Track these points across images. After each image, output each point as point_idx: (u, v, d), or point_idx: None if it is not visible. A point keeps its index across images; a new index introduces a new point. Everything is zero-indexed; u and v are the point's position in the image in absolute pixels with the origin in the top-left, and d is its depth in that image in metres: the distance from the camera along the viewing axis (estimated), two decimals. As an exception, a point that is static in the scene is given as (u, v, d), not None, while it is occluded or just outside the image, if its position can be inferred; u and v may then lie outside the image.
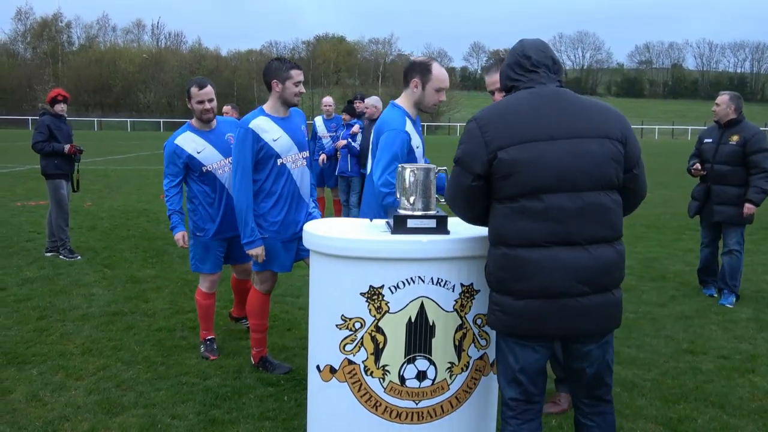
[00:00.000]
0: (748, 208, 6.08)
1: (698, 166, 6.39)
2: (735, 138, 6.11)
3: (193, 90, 4.48)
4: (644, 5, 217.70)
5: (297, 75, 4.11)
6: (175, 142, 4.53)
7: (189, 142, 4.55)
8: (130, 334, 5.18)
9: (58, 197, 7.82)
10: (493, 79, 3.83)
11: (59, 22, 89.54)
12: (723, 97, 6.28)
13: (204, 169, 4.56)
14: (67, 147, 7.72)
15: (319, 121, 9.96)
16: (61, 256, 7.77)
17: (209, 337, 4.80)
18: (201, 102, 4.50)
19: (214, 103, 4.60)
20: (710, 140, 6.35)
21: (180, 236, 4.70)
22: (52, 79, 70.90)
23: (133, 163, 22.86)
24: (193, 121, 4.64)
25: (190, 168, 4.57)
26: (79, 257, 7.77)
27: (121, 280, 6.84)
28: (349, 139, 9.33)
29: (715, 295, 6.42)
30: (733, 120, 6.19)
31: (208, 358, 4.66)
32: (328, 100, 10.12)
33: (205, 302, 4.77)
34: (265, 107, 4.19)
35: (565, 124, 2.51)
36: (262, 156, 4.06)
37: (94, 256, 7.90)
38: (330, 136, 9.80)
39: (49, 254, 7.87)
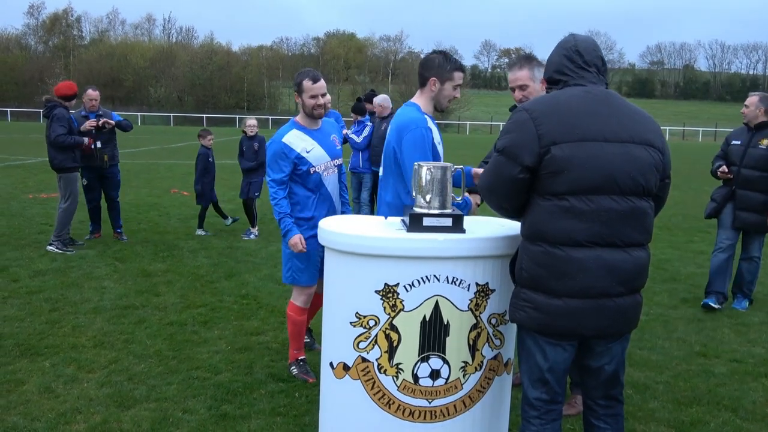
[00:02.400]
0: None
1: (725, 168, 6.06)
2: (765, 142, 5.84)
3: (306, 83, 4.13)
4: (656, 5, 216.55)
5: (458, 78, 3.63)
6: (283, 140, 4.12)
7: (298, 140, 4.15)
8: (141, 327, 5.20)
9: (75, 191, 7.81)
10: (516, 76, 3.80)
11: (70, 17, 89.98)
12: (752, 99, 5.97)
13: (312, 170, 4.16)
14: (86, 139, 7.76)
15: None
16: (54, 248, 7.71)
17: (301, 358, 4.39)
18: (314, 96, 4.13)
19: (328, 98, 4.30)
20: (738, 142, 6.03)
21: (297, 239, 4.08)
22: (64, 73, 71.22)
23: (144, 157, 22.94)
24: (299, 118, 4.26)
25: (295, 168, 4.15)
26: (72, 252, 7.72)
27: (133, 273, 6.86)
28: (349, 132, 9.38)
29: (713, 305, 6.01)
30: (764, 122, 5.89)
31: (306, 381, 4.25)
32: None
33: (299, 318, 4.31)
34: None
35: (616, 127, 2.51)
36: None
37: (105, 250, 7.93)
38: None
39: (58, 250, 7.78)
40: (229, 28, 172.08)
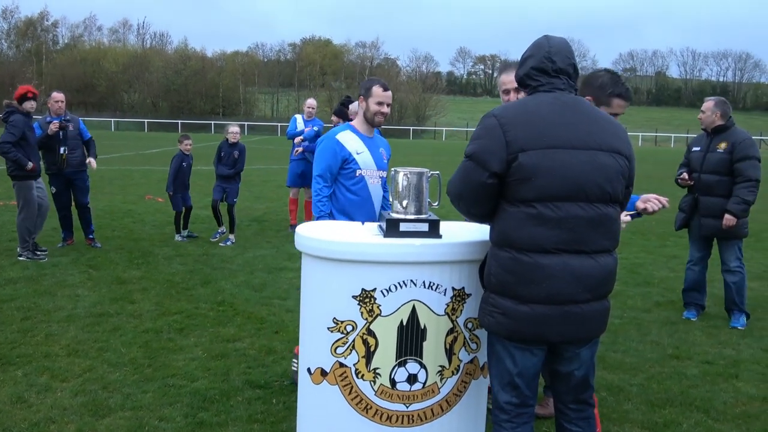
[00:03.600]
0: (728, 219, 5.64)
1: (686, 175, 6.01)
2: (723, 145, 5.73)
3: (376, 89, 4.10)
4: (628, 13, 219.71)
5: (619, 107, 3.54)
6: (337, 137, 4.12)
7: (350, 140, 4.15)
8: (116, 335, 5.14)
9: (30, 198, 7.55)
10: (510, 78, 3.78)
11: (45, 21, 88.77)
12: (708, 104, 5.90)
13: (358, 172, 4.14)
14: (30, 165, 7.40)
15: (299, 119, 10.04)
16: (25, 258, 7.54)
17: None
18: (380, 104, 4.11)
19: (388, 110, 4.23)
20: (698, 148, 5.98)
21: None
22: (36, 78, 70.16)
23: (117, 163, 22.68)
24: (356, 123, 4.23)
25: (342, 170, 4.13)
26: (44, 259, 7.59)
27: (107, 281, 6.78)
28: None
29: (694, 320, 5.98)
30: (721, 126, 5.79)
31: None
32: (312, 102, 10.25)
33: None
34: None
35: (584, 135, 2.53)
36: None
37: (78, 257, 7.83)
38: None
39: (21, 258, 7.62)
40: (204, 33, 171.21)
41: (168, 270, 7.33)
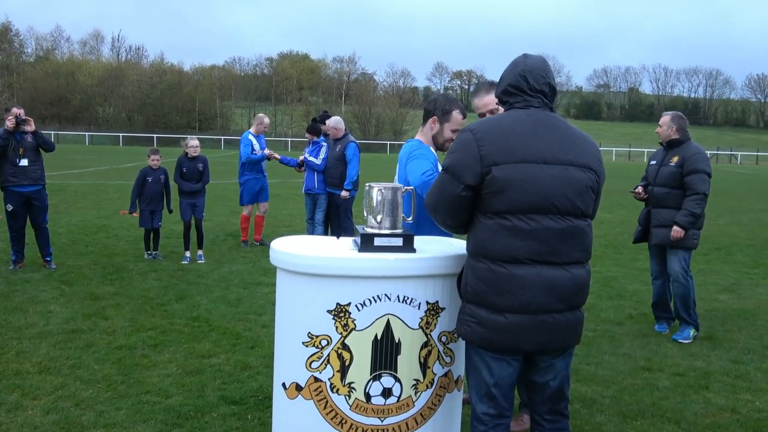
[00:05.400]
0: (675, 230, 5.69)
1: (640, 189, 6.10)
2: (675, 159, 5.82)
3: (457, 116, 3.85)
4: (602, 30, 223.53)
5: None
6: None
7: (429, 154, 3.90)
8: (89, 352, 5.08)
9: None
10: (483, 102, 3.81)
11: (9, 32, 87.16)
12: (665, 118, 6.00)
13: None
14: None
15: (253, 138, 9.96)
16: None
17: None
18: (456, 131, 3.82)
19: None
20: (654, 162, 6.09)
21: None
22: (6, 91, 69.19)
23: (91, 177, 22.45)
24: (425, 141, 3.96)
25: None
26: None
27: (80, 296, 6.71)
28: (307, 154, 9.48)
29: (663, 333, 6.04)
30: (675, 140, 5.89)
31: None
32: (266, 120, 10.33)
33: None
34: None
35: (556, 150, 2.62)
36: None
37: (51, 273, 7.73)
38: (262, 152, 9.97)
39: None
40: (181, 47, 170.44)
41: (142, 285, 7.27)
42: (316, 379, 2.89)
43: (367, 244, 2.93)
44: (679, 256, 5.87)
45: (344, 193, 9.04)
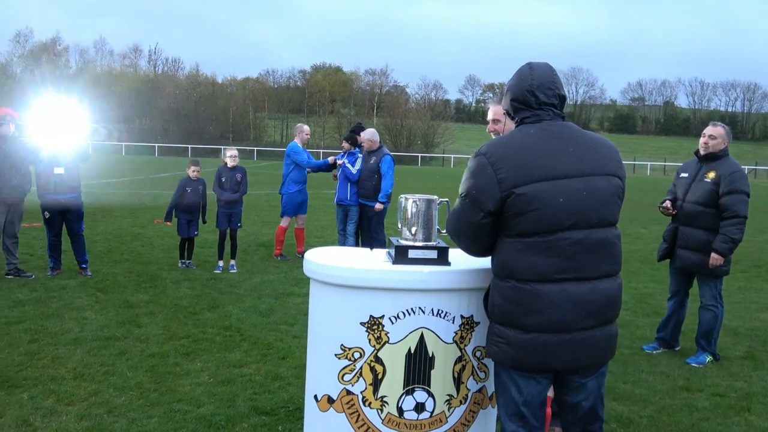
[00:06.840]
0: (714, 258, 5.24)
1: (668, 204, 5.62)
2: (711, 175, 5.30)
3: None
4: (637, 43, 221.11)
5: None
6: None
7: None
8: (122, 359, 5.13)
9: None
10: (492, 111, 3.83)
11: (57, 46, 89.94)
12: (719, 129, 5.42)
13: None
14: None
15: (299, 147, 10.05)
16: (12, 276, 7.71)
17: None
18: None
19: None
20: (686, 175, 5.57)
21: None
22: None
23: (128, 187, 22.83)
24: None
25: None
26: (30, 276, 7.75)
27: (114, 304, 6.79)
28: (346, 161, 9.45)
29: (651, 352, 5.79)
30: (713, 154, 5.38)
31: None
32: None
33: None
34: None
35: (576, 161, 2.54)
36: None
37: (87, 280, 7.84)
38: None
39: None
40: (216, 60, 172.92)
41: (175, 294, 7.33)
42: (348, 392, 2.86)
43: (401, 256, 2.91)
44: (710, 284, 5.52)
45: (378, 206, 9.02)
